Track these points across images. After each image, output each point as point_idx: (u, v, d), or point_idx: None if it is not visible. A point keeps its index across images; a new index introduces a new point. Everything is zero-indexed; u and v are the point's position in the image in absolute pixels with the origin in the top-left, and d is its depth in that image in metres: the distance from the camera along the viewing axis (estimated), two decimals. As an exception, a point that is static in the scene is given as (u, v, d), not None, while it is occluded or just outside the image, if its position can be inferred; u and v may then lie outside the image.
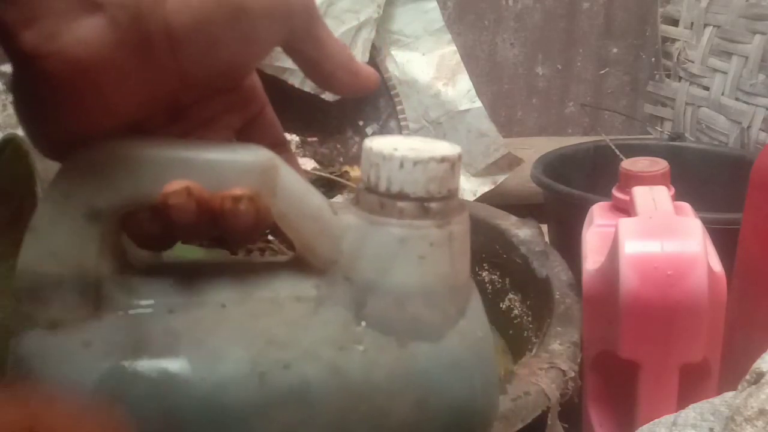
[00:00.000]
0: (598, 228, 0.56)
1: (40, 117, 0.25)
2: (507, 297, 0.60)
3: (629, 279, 0.45)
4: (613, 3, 1.20)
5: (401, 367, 0.27)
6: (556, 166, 0.80)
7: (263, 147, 0.27)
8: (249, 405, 0.26)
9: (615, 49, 1.23)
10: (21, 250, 0.26)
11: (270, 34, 0.27)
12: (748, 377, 0.34)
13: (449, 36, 0.92)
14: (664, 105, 1.12)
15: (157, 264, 0.29)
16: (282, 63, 0.81)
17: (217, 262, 0.31)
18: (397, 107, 0.92)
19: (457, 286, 0.29)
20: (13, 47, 0.23)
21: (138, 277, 0.28)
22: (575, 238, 0.57)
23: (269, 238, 0.56)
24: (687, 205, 0.55)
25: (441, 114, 0.91)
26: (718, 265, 0.47)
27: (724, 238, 0.51)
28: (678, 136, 0.95)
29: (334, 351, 0.27)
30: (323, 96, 0.88)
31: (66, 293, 0.26)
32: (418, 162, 0.27)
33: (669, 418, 0.36)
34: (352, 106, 0.93)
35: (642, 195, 0.52)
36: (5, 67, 0.74)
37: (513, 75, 1.22)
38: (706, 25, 1.02)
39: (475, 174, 0.92)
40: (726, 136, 0.97)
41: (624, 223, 0.48)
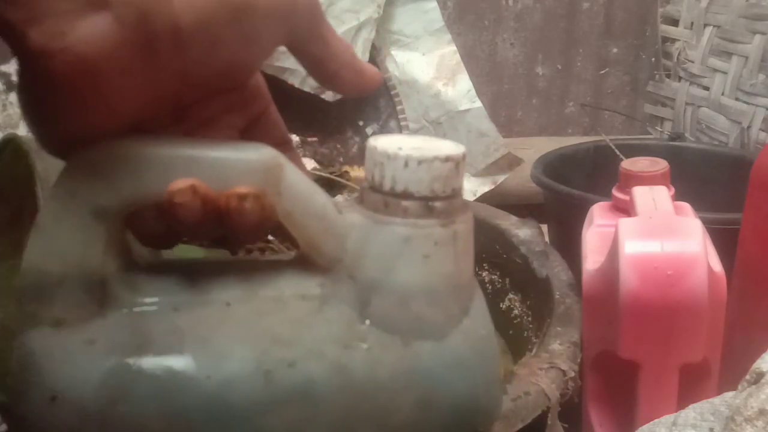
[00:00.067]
0: (598, 228, 0.56)
1: (46, 115, 0.25)
2: (507, 297, 0.60)
3: (629, 279, 0.45)
4: (613, 3, 1.20)
5: (405, 366, 0.27)
6: (556, 166, 0.80)
7: (268, 146, 0.27)
8: (254, 403, 0.26)
9: (615, 49, 1.23)
10: (26, 248, 0.26)
11: (274, 32, 0.27)
12: (748, 377, 0.34)
13: (449, 36, 0.92)
14: (664, 105, 1.12)
15: (162, 262, 0.30)
16: (282, 63, 0.81)
17: (222, 260, 0.31)
18: (397, 107, 0.92)
19: (461, 285, 0.29)
20: (20, 46, 0.23)
21: (143, 275, 0.28)
22: (575, 238, 0.56)
23: (269, 238, 0.56)
24: (687, 205, 0.55)
25: (441, 114, 0.91)
26: (718, 265, 0.47)
27: (724, 238, 0.51)
28: (678, 136, 0.95)
29: (338, 349, 0.27)
30: (323, 96, 0.88)
31: (71, 291, 0.26)
32: (422, 161, 0.27)
33: (669, 418, 0.36)
34: (352, 106, 0.93)
35: (642, 195, 0.52)
36: (5, 67, 0.74)
37: (513, 75, 1.22)
38: (706, 25, 1.02)
39: (475, 174, 0.92)
40: (726, 136, 0.97)
41: (624, 223, 0.48)
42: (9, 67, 0.74)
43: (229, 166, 0.26)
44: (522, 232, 0.60)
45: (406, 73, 0.91)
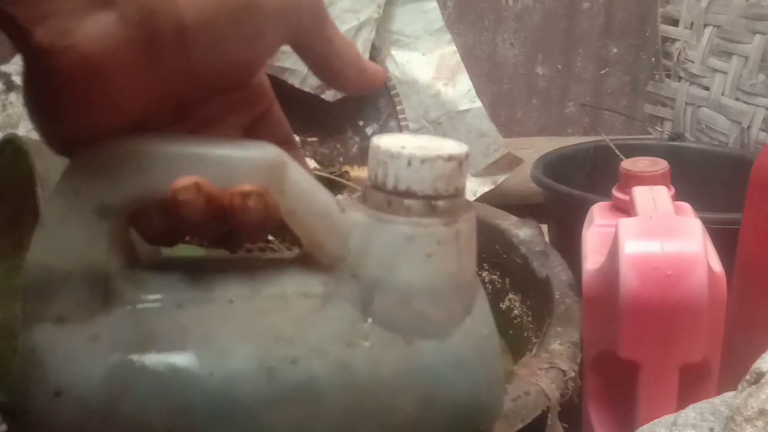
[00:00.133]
0: (598, 228, 0.56)
1: (51, 113, 0.25)
2: (507, 297, 0.60)
3: (629, 279, 0.45)
4: (613, 3, 1.20)
5: (407, 364, 0.27)
6: (556, 166, 0.80)
7: (272, 144, 0.27)
8: (256, 400, 0.26)
9: (615, 49, 1.23)
10: (31, 244, 0.26)
11: (279, 31, 0.27)
12: (748, 377, 0.34)
13: (449, 36, 0.92)
14: (664, 105, 1.12)
15: (165, 259, 0.30)
16: (282, 63, 0.81)
17: (225, 257, 0.31)
18: (397, 107, 0.92)
19: (464, 284, 0.29)
20: (25, 44, 0.23)
21: (146, 273, 0.28)
22: (575, 238, 0.56)
23: (269, 238, 0.56)
24: (687, 205, 0.55)
25: (441, 114, 0.91)
26: (718, 265, 0.47)
27: (724, 238, 0.51)
28: (678, 136, 0.95)
29: (340, 347, 0.27)
30: (323, 96, 0.88)
31: (74, 288, 0.26)
32: (425, 160, 0.27)
33: (669, 418, 0.36)
34: (352, 106, 0.93)
35: (642, 195, 0.52)
36: (5, 67, 0.74)
37: (513, 75, 1.22)
38: (706, 25, 1.02)
39: (475, 174, 0.92)
40: (726, 136, 0.97)
41: (624, 223, 0.48)
42: (9, 67, 0.74)
43: (233, 164, 0.26)
44: (522, 232, 0.60)
45: (406, 73, 0.91)
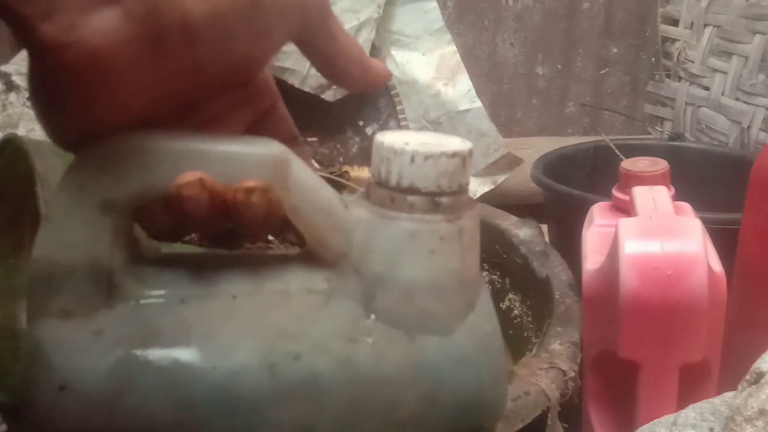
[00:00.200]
0: (598, 228, 0.56)
1: (56, 109, 0.25)
2: (507, 297, 0.60)
3: (629, 279, 0.45)
4: (613, 3, 1.20)
5: (410, 360, 0.27)
6: (556, 166, 0.80)
7: (276, 141, 0.27)
8: (259, 395, 0.26)
9: (615, 49, 1.23)
10: (36, 239, 0.26)
11: (284, 28, 0.27)
12: (748, 377, 0.34)
13: (449, 36, 0.92)
14: (664, 105, 1.12)
15: (169, 255, 0.30)
16: (282, 63, 0.81)
17: (229, 253, 0.31)
18: (397, 107, 0.92)
19: (467, 280, 0.29)
20: (31, 40, 0.23)
21: (150, 268, 0.28)
22: (575, 238, 0.56)
23: (269, 237, 0.56)
24: (687, 205, 0.55)
25: (441, 114, 0.91)
26: (718, 265, 0.47)
27: (724, 238, 0.51)
28: (678, 136, 0.95)
29: (343, 343, 0.27)
30: (323, 96, 0.88)
31: (79, 283, 0.26)
32: (429, 157, 0.27)
33: (669, 418, 0.36)
34: (352, 106, 0.93)
35: (642, 195, 0.52)
36: (5, 67, 0.74)
37: (513, 75, 1.22)
38: (706, 25, 1.02)
39: (475, 174, 0.92)
40: (726, 136, 0.97)
41: (624, 223, 0.48)
42: (9, 67, 0.74)
43: (237, 160, 0.26)
44: (522, 232, 0.60)
45: (406, 73, 0.91)
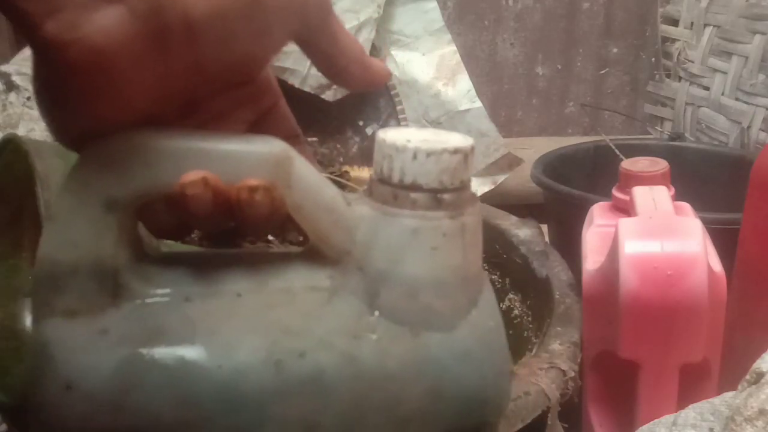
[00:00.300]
0: (598, 228, 0.56)
1: (60, 107, 0.25)
2: (507, 297, 0.60)
3: (629, 279, 0.45)
4: (613, 3, 1.20)
5: (414, 356, 0.27)
6: (556, 166, 0.80)
7: (278, 139, 0.27)
8: (265, 392, 0.26)
9: (615, 49, 1.23)
10: (40, 238, 0.26)
11: (285, 27, 0.27)
12: (748, 377, 0.34)
13: (449, 36, 0.92)
14: (664, 105, 1.12)
15: (173, 253, 0.30)
16: (282, 63, 0.81)
17: (232, 252, 0.31)
18: (397, 107, 0.92)
19: (470, 277, 0.29)
20: (35, 37, 0.23)
21: (154, 267, 0.28)
22: (575, 238, 0.57)
23: (269, 237, 0.56)
24: (687, 205, 0.55)
25: (441, 114, 0.91)
26: (718, 265, 0.47)
27: (724, 238, 0.51)
28: (678, 136, 0.95)
29: (348, 340, 0.27)
30: (323, 96, 0.88)
31: (84, 281, 0.26)
32: (431, 153, 0.27)
33: (669, 418, 0.36)
34: (352, 106, 0.93)
35: (642, 195, 0.52)
36: (5, 67, 0.74)
37: (513, 75, 1.22)
38: (706, 25, 1.02)
39: (475, 174, 0.92)
40: (726, 136, 0.97)
41: (624, 223, 0.48)
42: (9, 67, 0.74)
43: (241, 158, 0.26)
44: (522, 232, 0.60)
45: (406, 73, 0.91)
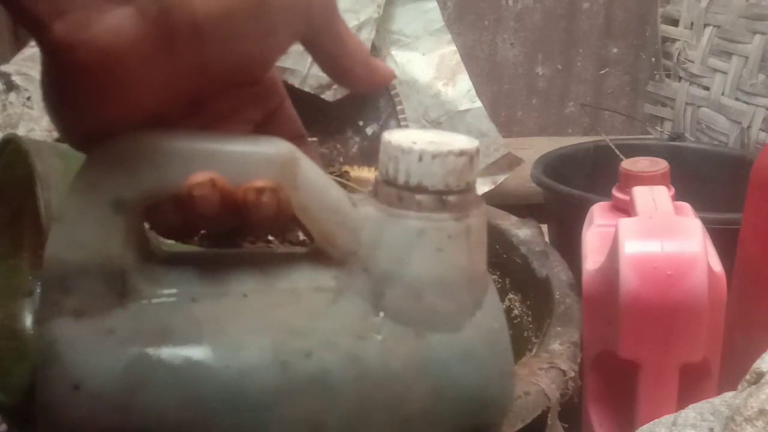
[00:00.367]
0: (598, 228, 0.56)
1: (68, 107, 0.26)
2: (507, 297, 0.60)
3: (629, 279, 0.45)
4: (613, 3, 1.20)
5: (418, 357, 0.28)
6: (556, 166, 0.80)
7: (284, 140, 0.28)
8: (271, 392, 0.26)
9: (615, 49, 1.23)
10: (48, 238, 0.26)
11: (291, 28, 0.27)
12: (748, 377, 0.34)
13: (449, 36, 0.92)
14: (664, 105, 1.12)
15: (179, 253, 0.30)
16: (282, 63, 0.81)
17: (239, 252, 0.31)
18: (397, 107, 0.92)
19: (474, 278, 0.29)
20: (45, 38, 0.24)
21: (161, 267, 0.28)
22: (575, 238, 0.57)
23: (269, 238, 0.56)
24: (687, 205, 0.55)
25: (441, 114, 0.91)
26: (718, 265, 0.47)
27: (724, 238, 0.51)
28: (678, 136, 0.95)
29: (353, 340, 0.27)
30: (323, 96, 0.88)
31: (92, 282, 0.26)
32: (436, 155, 0.27)
33: (669, 418, 0.36)
34: (352, 106, 0.93)
35: (642, 195, 0.52)
36: (5, 67, 0.74)
37: (513, 75, 1.22)
38: (706, 25, 1.02)
39: (475, 174, 0.92)
40: (726, 136, 0.97)
41: (624, 223, 0.48)
42: (9, 67, 0.74)
43: (247, 160, 0.27)
44: (522, 232, 0.60)
45: (406, 73, 0.91)
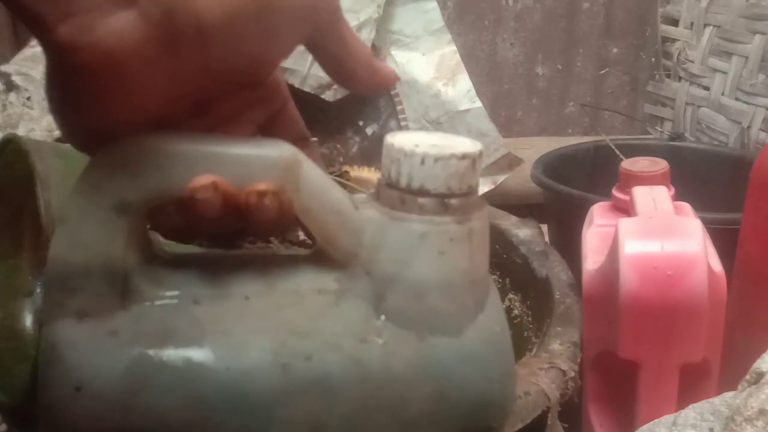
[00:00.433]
0: (598, 228, 0.56)
1: (72, 109, 0.26)
2: (507, 297, 0.60)
3: (629, 279, 0.45)
4: (613, 3, 1.20)
5: (420, 360, 0.28)
6: (556, 166, 0.80)
7: (287, 142, 0.28)
8: (272, 394, 0.27)
9: (615, 49, 1.23)
10: (52, 240, 0.27)
11: (296, 30, 0.28)
12: (748, 377, 0.34)
13: (449, 36, 0.92)
14: (664, 105, 1.12)
15: (182, 255, 0.30)
16: (282, 63, 0.81)
17: (241, 254, 0.31)
18: (397, 107, 0.92)
19: (476, 281, 0.29)
20: (49, 40, 0.24)
21: (164, 269, 0.28)
22: (575, 238, 0.57)
23: (269, 237, 0.56)
24: (687, 205, 0.55)
25: (441, 114, 0.91)
26: (718, 265, 0.47)
27: (724, 238, 0.51)
28: (678, 136, 0.95)
29: (354, 343, 0.27)
30: (323, 96, 0.88)
31: (94, 283, 0.27)
32: (439, 158, 0.27)
33: (669, 418, 0.36)
34: (352, 106, 0.93)
35: (642, 195, 0.52)
36: (5, 67, 0.74)
37: (513, 75, 1.22)
38: (706, 25, 1.02)
39: (475, 174, 0.92)
40: (726, 136, 0.97)
41: (624, 223, 0.48)
42: (9, 67, 0.74)
43: (250, 162, 0.27)
44: (522, 232, 0.60)
45: (406, 73, 0.91)
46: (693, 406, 0.36)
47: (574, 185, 0.71)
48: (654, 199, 0.51)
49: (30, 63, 0.74)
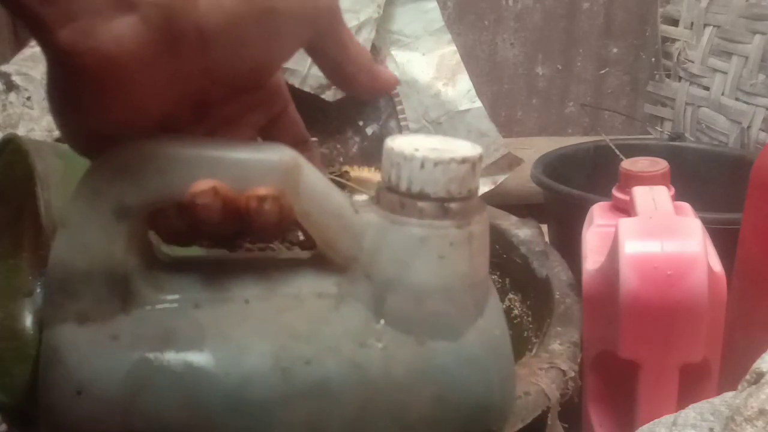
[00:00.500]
0: (598, 228, 0.56)
1: (73, 113, 0.26)
2: (507, 297, 0.60)
3: (629, 279, 0.45)
4: (613, 3, 1.20)
5: (420, 364, 0.28)
6: (556, 166, 0.80)
7: (287, 146, 0.28)
8: (272, 398, 0.27)
9: (615, 49, 1.23)
10: (53, 244, 0.27)
11: (296, 34, 0.28)
12: (748, 377, 0.34)
13: (449, 36, 0.92)
14: (664, 105, 1.12)
15: (182, 259, 0.30)
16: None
17: (241, 258, 0.31)
18: (397, 107, 0.92)
19: (476, 285, 0.29)
20: (51, 44, 0.24)
21: (164, 273, 0.28)
22: (575, 238, 0.56)
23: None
24: (687, 205, 0.55)
25: (441, 114, 0.91)
26: (718, 265, 0.47)
27: (724, 238, 0.51)
28: (678, 136, 0.95)
29: (354, 347, 0.27)
30: (323, 96, 0.88)
31: (95, 287, 0.27)
32: (438, 163, 0.27)
33: (669, 418, 0.36)
34: (352, 106, 0.93)
35: (642, 195, 0.52)
36: (5, 67, 0.74)
37: (513, 75, 1.22)
38: (706, 25, 1.02)
39: (475, 174, 0.92)
40: (726, 136, 0.97)
41: (624, 223, 0.48)
42: (9, 67, 0.74)
43: (250, 167, 0.27)
44: (522, 232, 0.60)
45: (406, 73, 0.91)
46: (693, 406, 0.36)
47: (574, 185, 0.71)
48: (654, 199, 0.51)
49: (30, 63, 0.74)
